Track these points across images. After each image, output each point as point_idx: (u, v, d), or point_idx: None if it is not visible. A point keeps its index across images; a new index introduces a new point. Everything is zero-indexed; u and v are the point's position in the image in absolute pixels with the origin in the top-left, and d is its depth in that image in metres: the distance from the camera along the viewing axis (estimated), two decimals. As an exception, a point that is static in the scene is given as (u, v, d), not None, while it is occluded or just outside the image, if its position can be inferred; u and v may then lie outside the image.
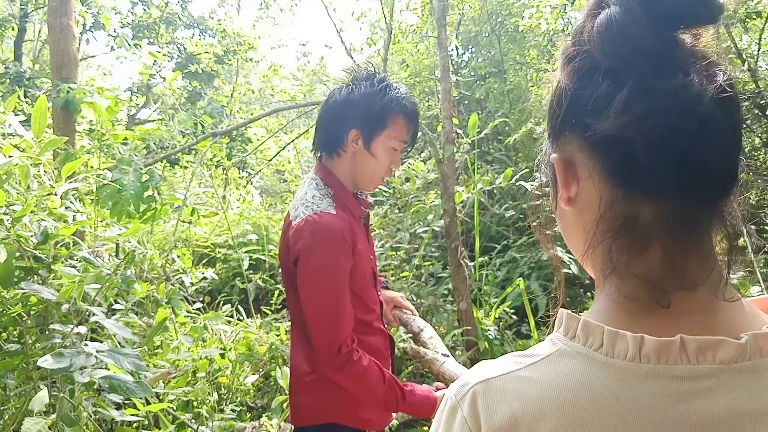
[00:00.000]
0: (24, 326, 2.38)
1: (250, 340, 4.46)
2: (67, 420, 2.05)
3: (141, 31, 11.70)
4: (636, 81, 0.55)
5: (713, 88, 0.54)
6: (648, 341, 0.54)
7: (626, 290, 0.59)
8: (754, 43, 6.56)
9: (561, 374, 0.57)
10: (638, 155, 0.55)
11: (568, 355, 0.58)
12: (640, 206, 0.57)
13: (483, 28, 9.45)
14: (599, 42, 0.57)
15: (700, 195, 0.56)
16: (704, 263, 0.58)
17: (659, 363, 0.54)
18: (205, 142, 5.20)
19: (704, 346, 0.54)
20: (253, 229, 7.16)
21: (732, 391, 0.53)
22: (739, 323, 0.57)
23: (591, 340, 0.57)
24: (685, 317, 0.56)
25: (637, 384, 0.54)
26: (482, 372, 0.62)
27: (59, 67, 4.23)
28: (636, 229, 0.58)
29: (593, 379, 0.55)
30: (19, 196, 2.42)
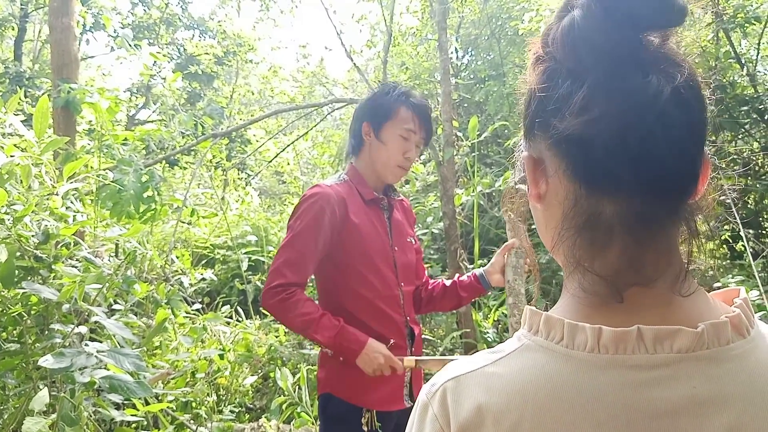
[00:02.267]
0: (24, 326, 2.38)
1: (249, 342, 4.47)
2: (68, 420, 2.05)
3: (141, 31, 11.71)
4: (593, 82, 0.56)
5: (670, 89, 0.55)
6: (606, 332, 0.55)
7: (586, 285, 0.60)
8: (753, 48, 6.58)
9: (524, 367, 0.58)
10: (597, 154, 0.56)
11: (531, 349, 0.59)
12: (602, 204, 0.58)
13: (483, 31, 9.47)
14: (561, 44, 0.59)
15: (658, 193, 0.57)
16: (663, 259, 0.59)
17: (617, 353, 0.55)
18: (204, 143, 5.21)
19: (661, 335, 0.55)
20: (252, 230, 7.16)
21: (690, 379, 0.54)
22: (697, 314, 0.58)
23: (552, 333, 0.59)
24: (643, 310, 0.58)
25: (596, 374, 0.55)
26: (452, 370, 0.64)
27: (60, 67, 4.23)
28: (598, 226, 0.59)
29: (554, 370, 0.56)
30: (20, 196, 2.42)
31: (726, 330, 0.56)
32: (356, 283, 1.91)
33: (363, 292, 1.91)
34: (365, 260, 1.92)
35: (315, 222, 1.85)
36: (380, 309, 1.94)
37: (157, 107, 10.61)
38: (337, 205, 1.87)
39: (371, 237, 1.95)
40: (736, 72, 5.70)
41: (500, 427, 0.56)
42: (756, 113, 5.44)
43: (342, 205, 1.89)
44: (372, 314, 1.93)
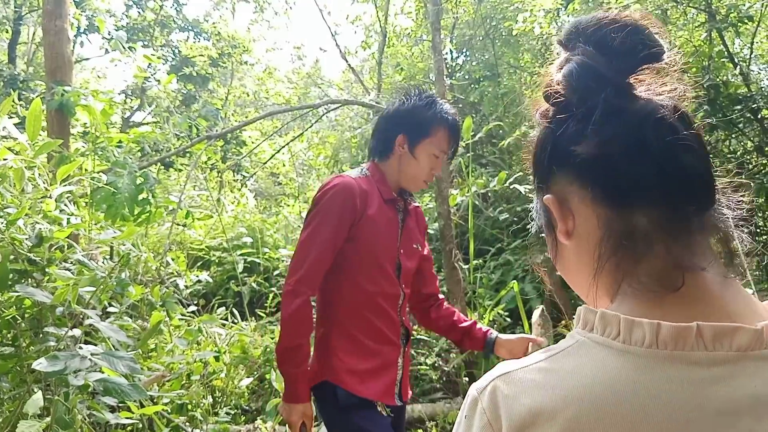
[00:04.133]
0: (18, 329, 2.37)
1: (245, 343, 4.46)
2: (62, 423, 2.05)
3: (135, 33, 11.69)
4: (602, 107, 0.62)
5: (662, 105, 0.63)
6: (665, 327, 0.55)
7: (639, 286, 0.61)
8: (746, 47, 6.61)
9: (579, 364, 0.58)
10: (619, 169, 0.61)
11: (587, 346, 0.60)
12: (634, 217, 0.61)
13: (477, 31, 9.48)
14: (566, 87, 0.66)
15: (682, 195, 0.61)
16: (705, 254, 0.61)
17: (676, 349, 0.55)
18: (199, 145, 5.20)
19: (721, 332, 0.55)
20: (248, 232, 7.15)
21: (751, 378, 0.53)
22: (751, 312, 0.59)
23: (609, 329, 0.59)
24: (699, 304, 0.58)
25: (654, 370, 0.55)
26: (502, 367, 0.64)
27: (53, 69, 4.22)
28: (636, 237, 0.61)
29: (611, 366, 0.56)
30: (14, 199, 2.42)
31: None
32: (361, 276, 1.93)
33: (366, 286, 1.94)
34: (373, 256, 1.95)
35: (337, 214, 1.87)
36: (380, 305, 1.97)
37: (152, 109, 10.60)
38: (359, 196, 1.90)
39: (383, 234, 1.98)
40: (729, 71, 5.73)
41: (555, 424, 0.55)
42: (749, 112, 5.46)
43: (363, 198, 1.91)
44: (372, 309, 1.96)
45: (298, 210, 8.49)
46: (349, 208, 1.87)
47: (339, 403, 1.89)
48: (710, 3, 5.56)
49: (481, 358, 4.43)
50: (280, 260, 6.07)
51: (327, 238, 1.85)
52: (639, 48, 0.64)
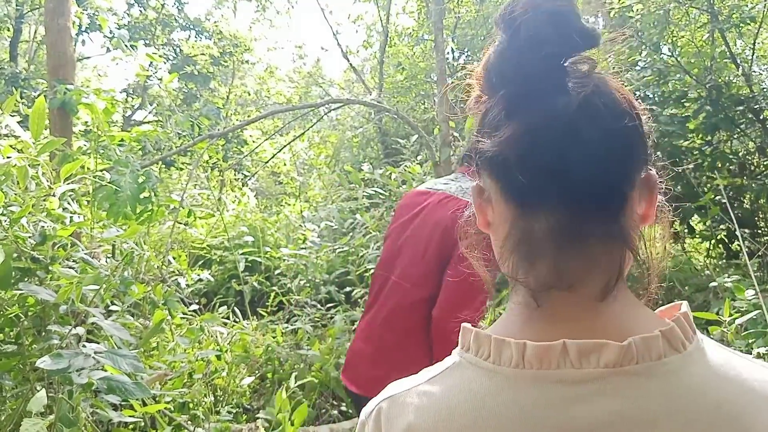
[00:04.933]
0: (22, 327, 2.38)
1: (246, 342, 4.46)
2: (66, 421, 2.05)
3: (137, 32, 11.70)
4: (503, 104, 0.60)
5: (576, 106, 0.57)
6: (530, 347, 0.55)
7: (521, 301, 0.61)
8: (748, 48, 6.60)
9: (453, 385, 0.59)
10: (514, 170, 0.58)
11: (461, 366, 0.60)
12: (533, 221, 0.59)
13: (479, 31, 9.48)
14: (482, 78, 0.63)
15: (579, 207, 0.58)
16: (589, 267, 0.59)
17: (542, 368, 0.55)
18: (201, 144, 5.20)
19: (586, 349, 0.54)
20: (249, 231, 7.15)
21: (617, 395, 0.53)
22: (628, 327, 0.56)
23: (481, 350, 0.59)
24: (570, 322, 0.57)
25: (520, 389, 0.55)
26: (389, 390, 0.66)
27: (56, 68, 4.22)
28: (531, 242, 0.60)
29: (479, 387, 0.57)
30: (17, 197, 2.42)
31: (657, 344, 0.54)
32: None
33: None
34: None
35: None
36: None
37: (154, 108, 10.60)
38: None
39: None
40: (731, 72, 5.72)
41: None
42: (751, 113, 5.45)
43: None
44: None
45: (299, 209, 8.50)
46: None
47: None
48: (713, 3, 5.56)
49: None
50: (282, 259, 6.07)
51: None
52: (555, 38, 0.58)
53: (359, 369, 1.97)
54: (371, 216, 5.80)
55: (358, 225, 6.16)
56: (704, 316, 2.88)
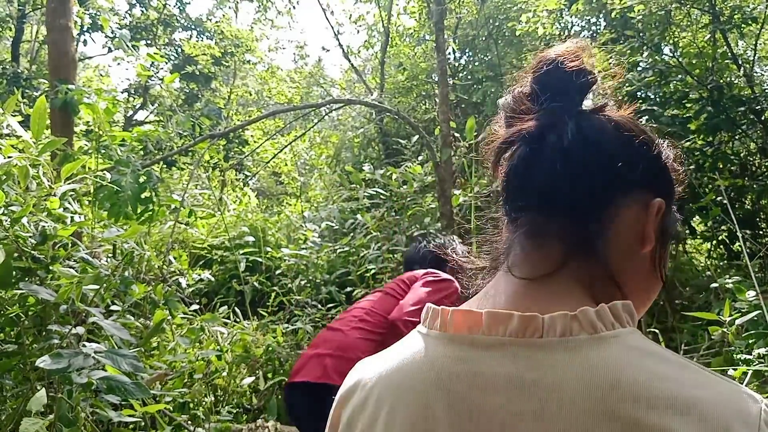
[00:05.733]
0: (22, 327, 2.38)
1: (247, 342, 4.47)
2: (65, 420, 2.05)
3: (139, 32, 11.70)
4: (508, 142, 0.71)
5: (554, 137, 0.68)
6: (455, 314, 0.65)
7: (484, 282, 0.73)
8: (749, 49, 6.60)
9: (395, 349, 0.71)
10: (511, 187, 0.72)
11: (412, 335, 0.71)
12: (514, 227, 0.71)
13: (480, 32, 9.48)
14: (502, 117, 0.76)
15: (541, 211, 0.68)
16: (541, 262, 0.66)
17: (458, 332, 0.64)
18: (202, 144, 5.21)
19: (498, 318, 0.61)
20: (250, 231, 7.15)
21: (515, 362, 0.58)
22: (554, 307, 0.61)
23: (428, 321, 0.69)
24: (499, 296, 0.66)
25: (438, 348, 0.64)
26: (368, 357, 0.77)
27: (57, 68, 4.22)
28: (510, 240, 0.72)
29: (411, 346, 0.68)
30: (18, 197, 2.42)
31: (565, 322, 0.59)
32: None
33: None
34: None
35: None
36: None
37: (155, 108, 10.61)
38: None
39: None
40: (732, 73, 5.72)
41: (362, 391, 0.69)
42: (753, 114, 5.45)
43: None
44: None
45: (299, 209, 8.50)
46: None
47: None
48: (714, 4, 5.55)
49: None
50: (282, 259, 6.07)
51: None
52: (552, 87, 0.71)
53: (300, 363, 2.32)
54: (372, 216, 5.80)
55: (358, 225, 6.17)
56: (705, 316, 2.88)
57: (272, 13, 12.38)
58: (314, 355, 2.31)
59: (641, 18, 6.10)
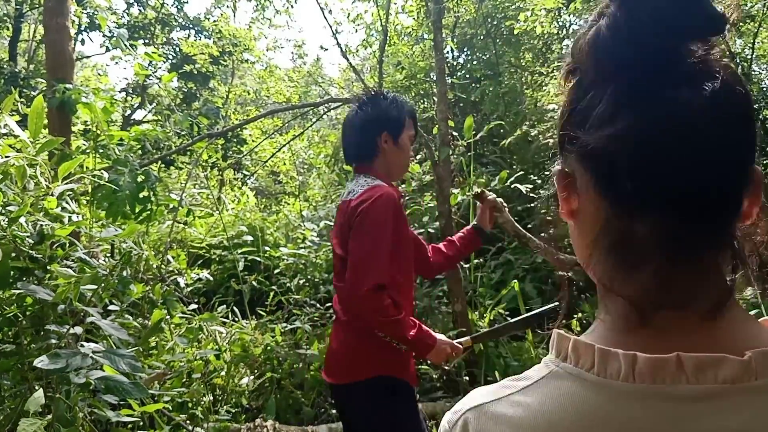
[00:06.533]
0: (20, 327, 2.38)
1: (246, 342, 4.47)
2: (63, 421, 2.05)
3: (137, 31, 11.69)
4: (617, 94, 0.54)
5: (701, 101, 0.51)
6: (641, 359, 0.51)
7: (619, 311, 0.57)
8: (747, 47, 6.61)
9: (551, 396, 0.55)
10: (622, 170, 0.53)
11: (560, 377, 0.56)
12: (634, 223, 0.54)
13: (478, 31, 9.48)
14: (586, 54, 0.57)
15: (692, 214, 0.53)
16: (700, 283, 0.55)
17: (655, 383, 0.51)
18: (200, 143, 5.20)
19: (703, 363, 0.50)
20: (249, 230, 7.16)
21: (738, 413, 0.49)
22: (742, 342, 0.52)
23: (582, 360, 0.55)
24: (679, 336, 0.53)
25: (631, 405, 0.51)
26: (474, 398, 0.61)
27: (55, 67, 4.22)
28: (631, 246, 0.55)
29: (584, 400, 0.53)
30: (16, 197, 2.42)
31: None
32: (402, 276, 2.14)
33: (397, 278, 2.11)
34: (408, 253, 2.23)
35: (393, 221, 2.06)
36: (411, 296, 2.27)
37: (153, 107, 10.60)
38: (401, 207, 2.15)
39: (408, 235, 2.27)
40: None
41: None
42: (751, 112, 5.45)
43: (401, 206, 2.16)
44: (408, 301, 2.21)
45: (298, 208, 8.50)
46: (396, 216, 2.08)
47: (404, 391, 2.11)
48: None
49: (481, 356, 4.43)
50: (281, 259, 6.07)
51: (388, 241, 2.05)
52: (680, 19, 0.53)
53: (330, 361, 2.23)
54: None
55: (357, 224, 6.14)
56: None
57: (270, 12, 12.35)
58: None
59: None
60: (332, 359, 2.21)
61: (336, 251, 2.17)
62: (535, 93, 8.24)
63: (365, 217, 2.02)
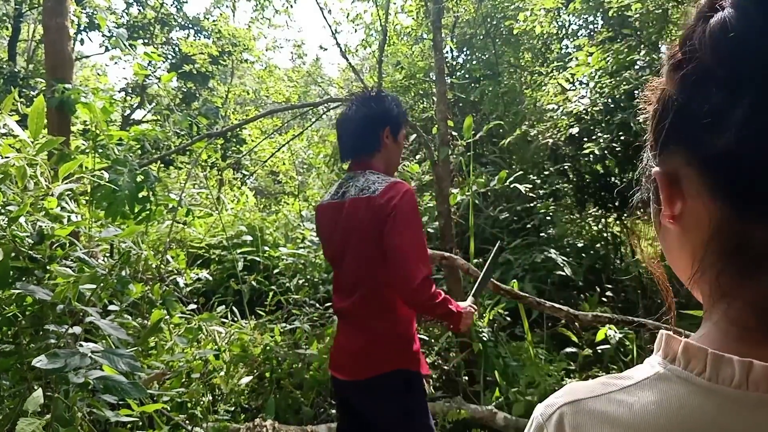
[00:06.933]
0: (19, 326, 2.38)
1: (245, 342, 4.47)
2: (62, 420, 2.05)
3: (136, 31, 11.69)
4: (757, 95, 0.49)
5: None
6: (758, 367, 0.49)
7: (734, 316, 0.54)
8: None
9: (657, 399, 0.53)
10: (755, 175, 0.50)
11: (667, 379, 0.54)
12: (754, 228, 0.52)
13: (478, 30, 9.48)
14: (712, 48, 0.52)
15: None
16: None
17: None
18: (200, 143, 5.20)
19: None
20: (248, 230, 7.15)
21: None
22: None
23: (693, 364, 0.53)
24: None
25: (742, 414, 0.49)
26: (571, 392, 0.59)
27: (54, 67, 4.21)
28: (749, 252, 0.52)
29: (693, 405, 0.51)
30: (15, 197, 2.42)
31: None
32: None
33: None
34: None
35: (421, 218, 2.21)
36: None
37: (152, 107, 10.60)
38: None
39: None
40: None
41: None
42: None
43: None
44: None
45: (297, 208, 8.50)
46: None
47: (419, 384, 2.15)
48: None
49: (480, 356, 4.43)
50: (280, 258, 6.07)
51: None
52: None
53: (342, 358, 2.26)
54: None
55: (356, 224, 6.14)
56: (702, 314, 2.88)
57: (270, 11, 12.35)
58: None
59: (638, 16, 6.10)
60: (344, 356, 2.23)
61: (358, 247, 2.17)
62: (534, 93, 8.24)
63: (401, 211, 2.08)
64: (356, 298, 2.18)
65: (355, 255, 2.16)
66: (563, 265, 5.66)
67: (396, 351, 2.16)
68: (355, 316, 2.21)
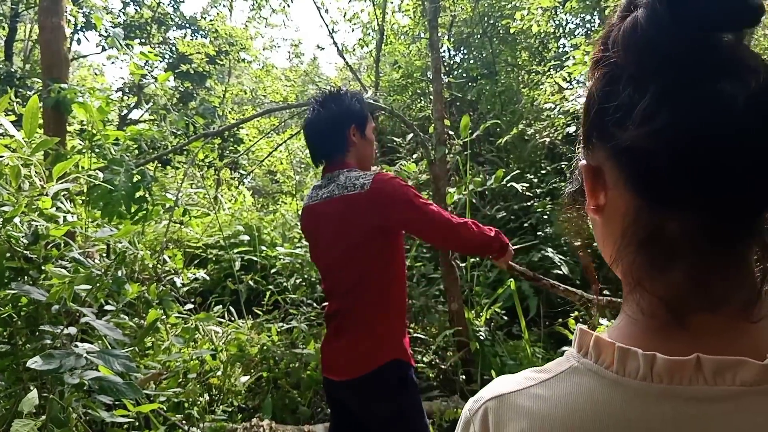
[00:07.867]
0: (14, 327, 2.37)
1: (242, 341, 4.46)
2: (57, 421, 2.05)
3: (133, 31, 11.67)
4: (658, 90, 0.52)
5: (744, 96, 0.50)
6: (660, 360, 0.51)
7: (644, 307, 0.56)
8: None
9: (569, 392, 0.56)
10: (661, 167, 0.52)
11: (579, 372, 0.57)
12: (665, 219, 0.54)
13: (475, 29, 9.48)
14: (623, 47, 0.55)
15: (729, 210, 0.52)
16: (732, 282, 0.54)
17: (672, 383, 0.51)
18: (197, 142, 5.19)
19: (722, 365, 0.50)
20: (245, 229, 7.15)
21: (754, 416, 0.48)
22: (766, 345, 0.52)
23: (603, 357, 0.56)
24: (705, 337, 0.53)
25: (647, 404, 0.51)
26: (496, 388, 0.62)
27: (50, 67, 4.21)
28: (661, 243, 0.55)
29: (601, 397, 0.53)
30: (10, 197, 2.41)
31: None
32: (401, 256, 2.23)
33: (403, 265, 2.26)
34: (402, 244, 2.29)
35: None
36: (405, 291, 2.31)
37: (149, 107, 10.59)
38: None
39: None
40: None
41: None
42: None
43: None
44: (404, 286, 2.29)
45: (295, 208, 8.49)
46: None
47: (412, 381, 2.16)
48: None
49: (478, 355, 4.43)
50: (278, 258, 6.06)
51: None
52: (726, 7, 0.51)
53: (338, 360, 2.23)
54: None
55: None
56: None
57: (267, 11, 12.34)
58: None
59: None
60: (338, 356, 2.20)
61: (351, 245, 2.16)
62: (531, 92, 8.25)
63: (393, 192, 2.11)
64: (352, 297, 2.17)
65: (349, 254, 2.14)
66: (560, 264, 5.66)
67: (389, 343, 2.16)
68: (350, 316, 2.19)
